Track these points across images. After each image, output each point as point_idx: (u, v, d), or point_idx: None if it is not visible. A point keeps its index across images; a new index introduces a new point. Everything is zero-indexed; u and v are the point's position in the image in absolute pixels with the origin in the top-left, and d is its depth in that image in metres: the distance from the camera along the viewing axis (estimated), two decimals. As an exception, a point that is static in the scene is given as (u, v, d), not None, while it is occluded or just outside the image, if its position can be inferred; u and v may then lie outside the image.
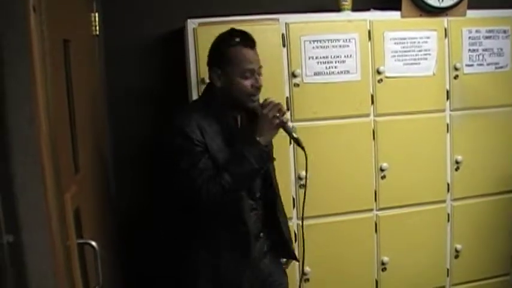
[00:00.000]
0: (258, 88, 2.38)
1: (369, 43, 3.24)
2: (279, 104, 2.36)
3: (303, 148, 2.36)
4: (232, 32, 2.41)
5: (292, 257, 2.76)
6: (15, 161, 1.41)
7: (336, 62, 3.18)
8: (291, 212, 3.14)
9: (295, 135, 2.39)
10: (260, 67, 2.42)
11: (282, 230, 2.64)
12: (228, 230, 2.43)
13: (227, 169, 2.27)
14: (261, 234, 2.57)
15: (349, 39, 3.20)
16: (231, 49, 2.36)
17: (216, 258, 2.43)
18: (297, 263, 3.00)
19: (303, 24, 3.13)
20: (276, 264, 2.72)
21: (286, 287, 2.77)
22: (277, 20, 3.10)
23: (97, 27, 2.86)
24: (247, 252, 2.46)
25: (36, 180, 1.47)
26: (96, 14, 2.87)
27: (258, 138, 2.30)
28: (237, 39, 2.37)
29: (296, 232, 3.17)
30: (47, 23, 1.58)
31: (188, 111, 2.43)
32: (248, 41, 2.39)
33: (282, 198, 2.71)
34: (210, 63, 2.44)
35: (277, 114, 2.34)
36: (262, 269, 2.60)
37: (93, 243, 1.92)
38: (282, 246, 2.68)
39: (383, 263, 3.37)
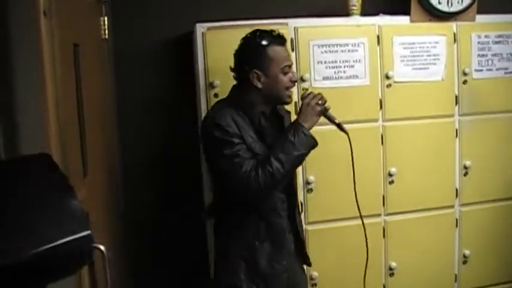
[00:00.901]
0: (295, 82, 2.53)
1: (378, 48, 3.24)
2: (319, 93, 2.49)
3: (346, 132, 2.50)
4: (262, 33, 2.49)
5: (305, 261, 2.80)
6: (25, 164, 1.41)
7: (344, 67, 3.17)
8: (298, 217, 3.13)
9: (336, 120, 2.52)
10: (292, 63, 2.57)
11: (298, 229, 2.70)
12: (264, 221, 2.50)
13: (276, 156, 2.35)
14: (290, 229, 2.63)
15: (358, 44, 3.19)
16: (268, 49, 2.44)
17: (250, 250, 2.50)
18: (304, 267, 2.97)
19: (312, 28, 3.13)
20: (299, 264, 2.77)
21: None
22: (286, 24, 3.10)
23: (106, 31, 2.87)
24: (282, 244, 2.54)
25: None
26: (106, 18, 2.87)
27: (303, 124, 2.39)
28: (271, 39, 2.46)
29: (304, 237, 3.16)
30: (57, 27, 1.59)
31: (222, 107, 2.51)
32: (280, 38, 2.49)
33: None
34: (246, 66, 2.47)
35: (320, 102, 2.46)
36: (295, 267, 2.68)
37: (102, 247, 1.91)
38: (298, 247, 2.71)
39: (391, 268, 3.36)
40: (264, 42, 2.44)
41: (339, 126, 2.51)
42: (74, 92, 1.96)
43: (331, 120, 2.53)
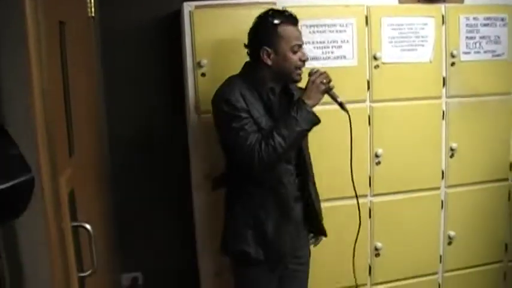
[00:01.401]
0: (305, 61, 2.59)
1: (366, 29, 3.23)
2: (325, 72, 2.55)
3: (347, 112, 2.58)
4: (275, 12, 2.58)
5: (321, 232, 2.88)
6: (10, 144, 1.40)
7: (332, 47, 3.17)
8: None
9: (339, 99, 2.60)
10: (303, 42, 2.62)
11: (314, 201, 2.78)
12: (270, 192, 2.61)
13: (278, 131, 2.44)
14: (298, 200, 2.73)
15: (346, 25, 3.19)
16: (279, 27, 2.52)
17: (256, 219, 2.61)
18: None
19: (300, 8, 3.09)
20: (306, 239, 2.88)
21: (308, 264, 2.92)
22: (275, 3, 3.07)
23: (93, 9, 2.83)
24: (287, 213, 2.65)
25: (31, 163, 1.46)
26: (92, -5, 2.84)
27: (306, 101, 2.47)
28: (282, 18, 2.54)
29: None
30: (43, 4, 1.56)
31: (231, 82, 2.59)
32: (292, 18, 2.57)
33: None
34: (257, 44, 2.55)
35: (324, 81, 2.53)
36: (301, 236, 2.80)
37: (88, 226, 1.91)
38: (311, 219, 2.82)
39: (376, 249, 3.39)
40: (276, 21, 2.52)
41: (341, 105, 2.59)
42: (60, 70, 1.94)
43: (334, 98, 2.60)
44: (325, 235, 2.90)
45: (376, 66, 3.24)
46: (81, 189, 2.12)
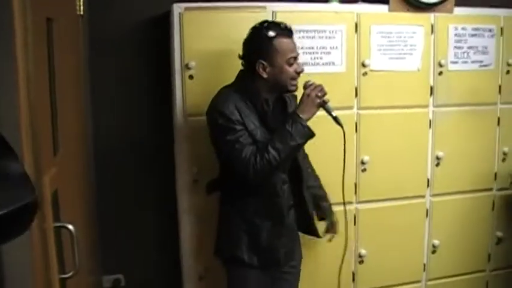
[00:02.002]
0: (299, 73, 2.60)
1: (355, 35, 3.23)
2: (320, 85, 2.57)
3: (342, 126, 2.60)
4: (270, 24, 2.57)
5: (315, 233, 2.90)
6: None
7: (321, 53, 3.17)
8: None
9: (334, 114, 2.61)
10: (298, 54, 2.63)
11: (307, 205, 2.80)
12: (264, 200, 2.63)
13: (273, 145, 2.47)
14: (291, 207, 2.75)
15: (336, 31, 3.18)
16: (275, 41, 2.52)
17: (251, 226, 2.64)
18: None
19: (290, 13, 3.11)
20: (298, 244, 2.91)
21: (299, 266, 2.94)
22: (265, 8, 3.07)
23: (82, 7, 2.81)
24: (282, 221, 2.67)
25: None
26: (81, -6, 2.82)
27: (300, 115, 2.49)
28: (278, 31, 2.53)
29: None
30: (30, 1, 1.55)
31: (226, 94, 2.60)
32: (287, 31, 2.57)
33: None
34: (253, 57, 2.55)
35: (319, 94, 2.54)
36: (295, 241, 2.86)
37: (70, 226, 1.89)
38: (305, 223, 2.84)
39: (360, 256, 3.39)
40: (271, 34, 2.51)
41: (336, 119, 2.61)
42: (47, 68, 1.92)
43: (329, 112, 2.61)
44: (319, 236, 2.92)
45: (365, 74, 3.24)
46: (65, 189, 2.10)
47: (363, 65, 3.24)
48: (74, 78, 2.62)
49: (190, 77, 2.96)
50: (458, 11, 3.44)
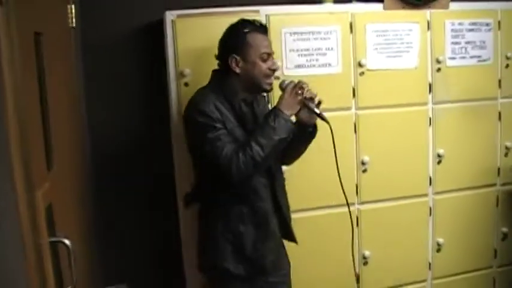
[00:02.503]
0: (274, 70, 2.60)
1: (351, 35, 3.21)
2: (299, 82, 2.54)
3: (327, 121, 2.55)
4: (245, 21, 2.59)
5: (292, 239, 2.84)
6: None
7: (317, 55, 3.15)
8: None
9: (317, 110, 2.56)
10: (273, 52, 2.62)
11: (283, 209, 2.74)
12: (246, 205, 2.59)
13: (256, 140, 2.42)
14: (274, 212, 2.70)
15: (331, 32, 3.17)
16: (248, 35, 2.53)
17: (235, 234, 2.58)
18: None
19: (284, 16, 3.10)
20: (283, 250, 2.84)
21: (289, 275, 2.86)
22: (258, 11, 3.06)
23: (73, 19, 2.80)
24: (266, 227, 2.63)
25: (5, 178, 1.43)
26: (73, 6, 2.80)
27: (283, 110, 2.47)
28: (252, 27, 2.55)
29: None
30: (16, 16, 1.53)
31: (204, 94, 2.58)
32: (262, 27, 2.60)
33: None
34: (227, 52, 2.56)
35: (299, 91, 2.51)
36: (280, 249, 2.79)
37: (67, 241, 1.87)
38: (283, 226, 2.77)
39: (364, 257, 3.36)
40: (245, 30, 2.54)
41: (320, 115, 2.57)
42: (36, 82, 1.91)
43: (311, 109, 2.56)
44: (296, 242, 2.85)
45: (362, 73, 3.22)
46: (60, 203, 2.08)
47: (360, 65, 3.22)
48: (67, 91, 2.61)
49: (186, 84, 2.95)
50: (454, 6, 3.42)
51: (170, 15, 2.95)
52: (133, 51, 3.34)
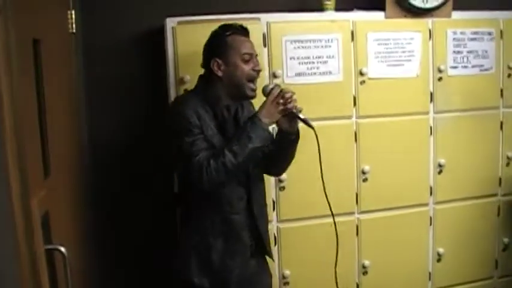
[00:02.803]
0: (257, 71, 2.53)
1: (352, 44, 3.20)
2: (282, 90, 2.46)
3: (312, 127, 2.47)
4: (225, 25, 2.57)
5: (267, 253, 2.77)
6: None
7: (317, 63, 3.13)
8: (271, 215, 3.09)
9: (302, 116, 2.47)
10: (256, 55, 2.57)
11: (258, 222, 2.66)
12: (219, 216, 2.53)
13: (230, 148, 2.38)
14: (248, 225, 2.62)
15: (332, 40, 3.15)
16: (228, 37, 2.51)
17: (204, 244, 2.53)
18: (276, 266, 3.07)
19: (285, 23, 3.09)
20: (262, 262, 2.76)
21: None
22: (259, 19, 3.05)
23: (73, 25, 2.79)
24: (238, 240, 2.57)
25: (0, 185, 1.42)
26: (73, 12, 2.80)
27: (262, 119, 2.41)
28: (232, 30, 2.53)
29: (276, 235, 3.14)
30: (14, 23, 1.53)
31: (186, 98, 2.57)
32: (242, 30, 2.56)
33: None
34: (209, 56, 2.53)
35: (281, 101, 2.43)
36: (251, 264, 2.65)
37: (62, 249, 1.86)
38: (257, 241, 2.69)
39: (364, 267, 3.34)
40: (225, 32, 2.52)
41: (304, 121, 2.49)
42: (34, 89, 1.91)
43: (294, 116, 2.48)
44: (271, 257, 2.81)
45: (362, 82, 3.21)
46: (57, 210, 2.08)
47: (361, 73, 3.20)
48: (66, 97, 2.61)
49: (186, 90, 2.93)
50: (457, 15, 3.40)
51: (171, 22, 2.94)
52: (134, 57, 3.33)
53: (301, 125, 2.53)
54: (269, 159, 2.62)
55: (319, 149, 2.51)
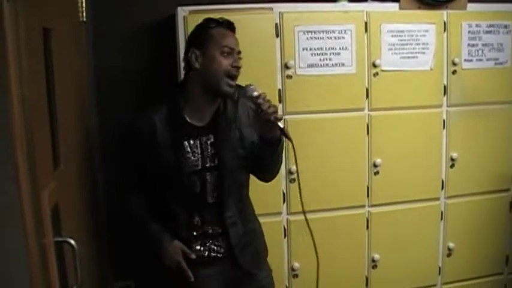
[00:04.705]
0: (237, 68, 2.36)
1: (365, 35, 3.16)
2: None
3: (291, 140, 2.27)
4: (209, 19, 2.45)
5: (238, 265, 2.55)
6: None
7: (330, 54, 3.10)
8: (280, 207, 3.09)
9: (281, 125, 2.29)
10: (239, 52, 2.41)
11: (229, 230, 2.50)
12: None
13: (144, 225, 2.55)
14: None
15: (345, 31, 3.11)
16: (211, 30, 2.38)
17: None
18: (285, 258, 3.10)
19: (298, 14, 3.05)
20: (257, 258, 2.63)
21: (270, 281, 2.71)
22: (271, 9, 3.01)
23: (84, 14, 2.77)
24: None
25: (10, 177, 1.40)
26: (84, 0, 2.77)
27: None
28: (216, 23, 2.41)
29: (286, 227, 3.12)
30: (24, 12, 1.51)
31: (153, 107, 2.46)
32: (227, 23, 2.42)
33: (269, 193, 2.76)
34: (188, 47, 2.43)
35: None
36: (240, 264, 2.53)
37: (72, 241, 1.85)
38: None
39: (374, 260, 3.32)
40: (209, 24, 2.41)
41: (283, 132, 2.30)
42: (44, 79, 1.88)
43: (271, 123, 2.27)
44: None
45: (375, 74, 3.17)
46: (66, 202, 2.06)
47: (374, 65, 3.16)
48: (76, 87, 2.59)
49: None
50: (472, 7, 3.35)
51: (182, 11, 2.91)
52: (145, 46, 3.31)
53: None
54: (254, 165, 2.49)
55: (296, 162, 2.36)
